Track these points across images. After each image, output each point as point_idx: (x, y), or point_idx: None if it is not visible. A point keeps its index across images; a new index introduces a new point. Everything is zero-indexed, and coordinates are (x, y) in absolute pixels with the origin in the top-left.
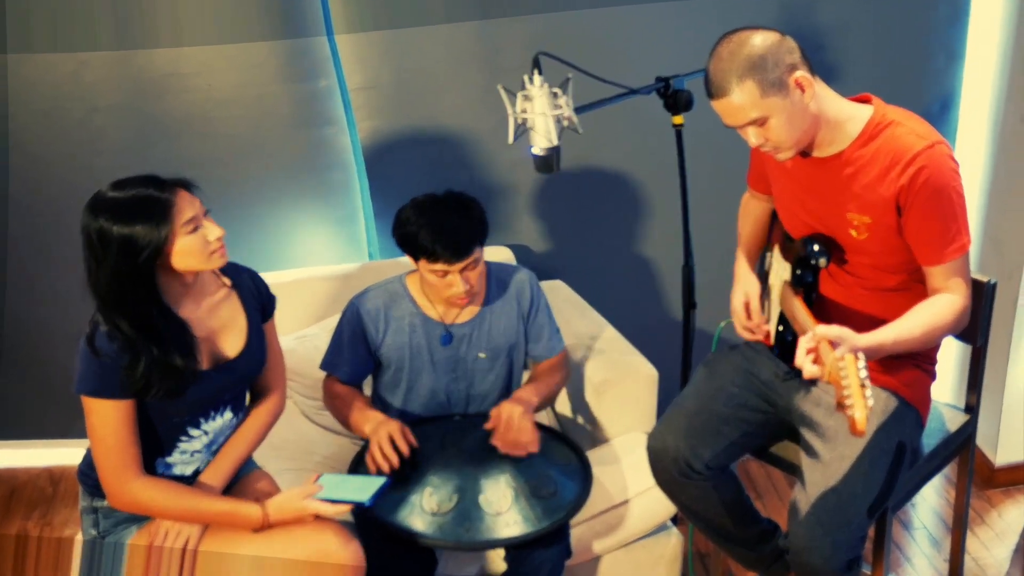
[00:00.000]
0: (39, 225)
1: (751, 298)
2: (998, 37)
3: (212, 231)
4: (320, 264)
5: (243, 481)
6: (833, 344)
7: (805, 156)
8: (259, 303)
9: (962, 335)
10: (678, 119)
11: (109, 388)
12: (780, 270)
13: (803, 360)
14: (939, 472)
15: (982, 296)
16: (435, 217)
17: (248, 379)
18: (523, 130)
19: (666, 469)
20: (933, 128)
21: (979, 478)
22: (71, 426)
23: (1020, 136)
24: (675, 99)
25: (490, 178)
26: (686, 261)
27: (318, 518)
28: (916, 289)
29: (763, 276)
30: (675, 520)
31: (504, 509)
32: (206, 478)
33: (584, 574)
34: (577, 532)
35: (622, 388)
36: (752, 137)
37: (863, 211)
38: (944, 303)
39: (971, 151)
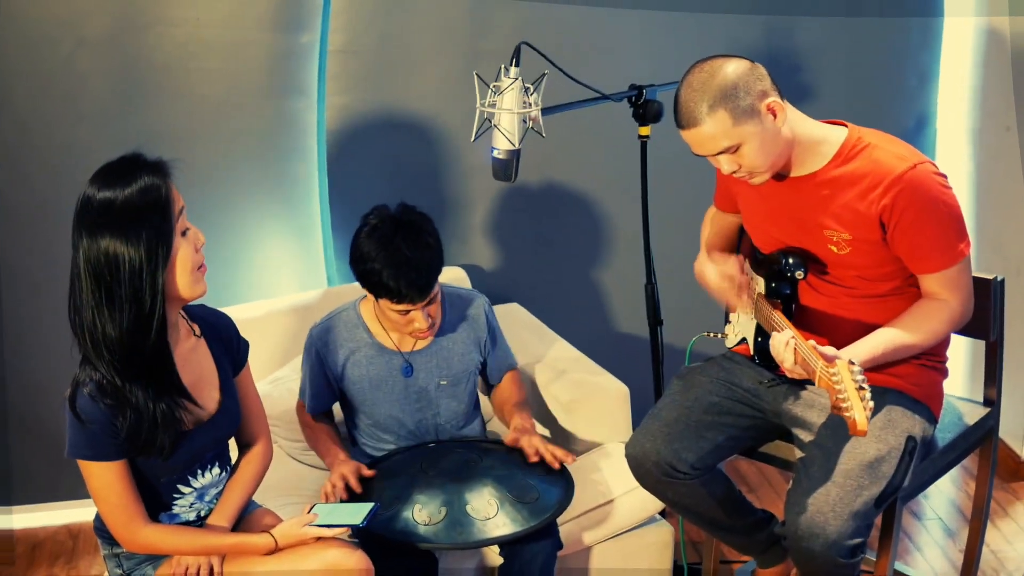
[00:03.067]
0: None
1: (736, 269)
2: (970, 58)
3: (197, 236)
4: (278, 286)
5: (248, 519)
6: (825, 357)
7: (779, 178)
8: (229, 354)
9: (974, 331)
10: (644, 130)
11: (102, 452)
12: (752, 284)
13: (782, 351)
14: (957, 464)
15: (990, 293)
16: (396, 254)
17: (228, 436)
18: (487, 127)
19: (648, 472)
20: (914, 148)
21: (1004, 470)
22: (83, 486)
23: (1003, 143)
24: (645, 109)
25: (447, 188)
26: (648, 280)
27: (320, 537)
28: (909, 293)
29: None
30: (663, 513)
31: (492, 515)
32: (214, 520)
33: (577, 563)
34: (567, 527)
35: (592, 405)
36: (725, 165)
37: (843, 227)
38: (937, 308)
39: (953, 163)
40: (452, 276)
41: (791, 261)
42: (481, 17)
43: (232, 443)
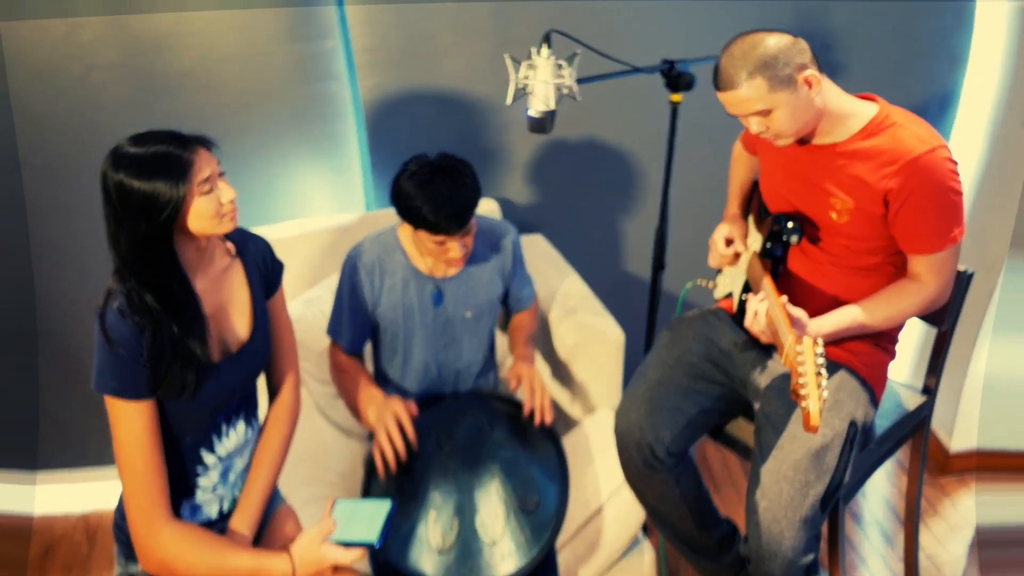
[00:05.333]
0: (54, 188)
1: (736, 237)
2: (1002, 44)
3: (226, 193)
4: (318, 211)
5: (271, 525)
6: (793, 322)
7: (801, 143)
8: (263, 275)
9: (929, 318)
10: (676, 97)
11: (129, 385)
12: (751, 240)
13: (756, 306)
14: (891, 456)
15: (959, 285)
16: (435, 190)
17: (258, 369)
18: (522, 94)
19: (632, 459)
20: (935, 131)
21: (933, 464)
22: (109, 450)
23: (1019, 138)
24: (677, 80)
25: (483, 135)
26: (660, 223)
27: (337, 569)
28: (886, 271)
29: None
30: (645, 529)
31: (498, 535)
32: (236, 524)
33: None
34: (563, 558)
35: (591, 351)
36: (754, 125)
37: (849, 194)
38: (914, 290)
39: (965, 150)
40: (486, 207)
41: (789, 225)
42: (504, 17)
43: (259, 402)
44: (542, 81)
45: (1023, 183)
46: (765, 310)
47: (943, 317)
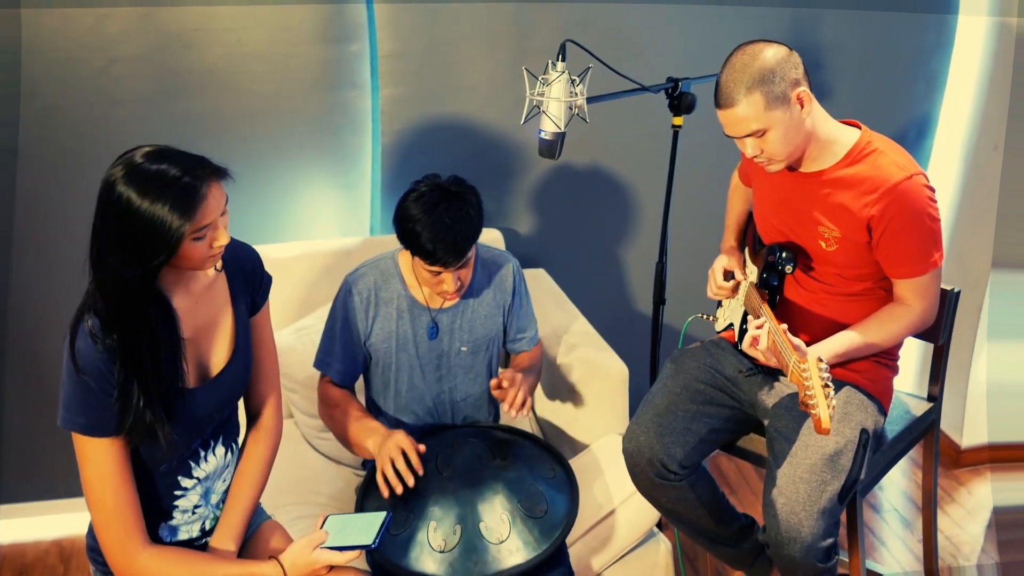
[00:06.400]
0: (49, 181)
1: (734, 268)
2: (977, 67)
3: (220, 238)
4: (321, 232)
5: (256, 538)
6: (794, 348)
7: (791, 170)
8: (249, 289)
9: (924, 335)
10: (678, 120)
11: (98, 422)
12: (748, 271)
13: (753, 333)
14: (904, 456)
15: (947, 302)
16: (438, 218)
17: (237, 395)
18: (536, 112)
19: (643, 473)
20: (913, 159)
21: (946, 459)
22: (77, 481)
23: (992, 163)
24: (680, 100)
25: (494, 159)
26: (660, 258)
27: (332, 568)
28: (878, 295)
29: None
30: (660, 525)
31: (505, 536)
32: (217, 542)
33: None
34: (575, 551)
35: (595, 385)
36: (749, 148)
37: (835, 223)
38: (902, 313)
39: (943, 174)
40: (489, 237)
41: (783, 255)
42: (525, 20)
43: (240, 423)
44: (555, 99)
45: (997, 205)
46: (767, 331)
47: (937, 334)
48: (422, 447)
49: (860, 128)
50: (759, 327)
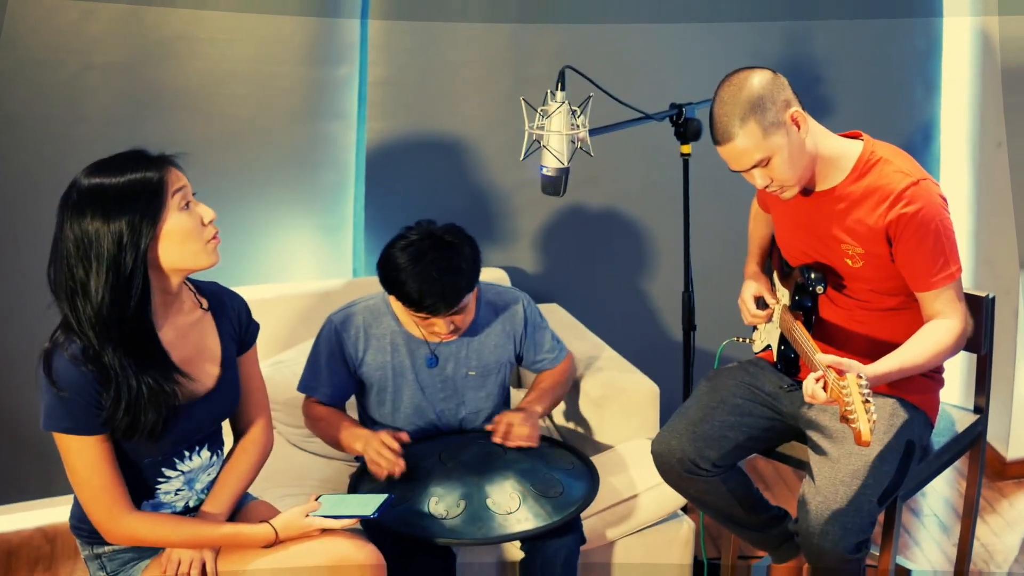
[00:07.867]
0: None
1: (763, 293)
2: (968, 67)
3: (205, 212)
4: (300, 275)
5: (244, 511)
6: (838, 371)
7: (804, 193)
8: (237, 333)
9: (967, 346)
10: (686, 148)
11: (82, 424)
12: (779, 295)
13: (812, 388)
14: (949, 466)
15: (982, 310)
16: (424, 269)
17: (222, 416)
18: (536, 147)
19: (672, 468)
20: (919, 165)
21: (991, 471)
22: (52, 484)
23: (998, 161)
24: (686, 128)
25: (492, 198)
26: (686, 287)
27: (326, 529)
28: (915, 307)
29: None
30: (685, 509)
31: (514, 508)
32: (208, 508)
33: (599, 558)
34: (589, 523)
35: (622, 400)
36: (758, 179)
37: (856, 241)
38: (943, 329)
39: (955, 178)
40: (492, 278)
41: (812, 276)
42: (523, 43)
43: (227, 431)
44: (556, 132)
45: (1012, 205)
46: (822, 386)
47: (979, 343)
48: (404, 435)
49: (862, 138)
50: (818, 379)
